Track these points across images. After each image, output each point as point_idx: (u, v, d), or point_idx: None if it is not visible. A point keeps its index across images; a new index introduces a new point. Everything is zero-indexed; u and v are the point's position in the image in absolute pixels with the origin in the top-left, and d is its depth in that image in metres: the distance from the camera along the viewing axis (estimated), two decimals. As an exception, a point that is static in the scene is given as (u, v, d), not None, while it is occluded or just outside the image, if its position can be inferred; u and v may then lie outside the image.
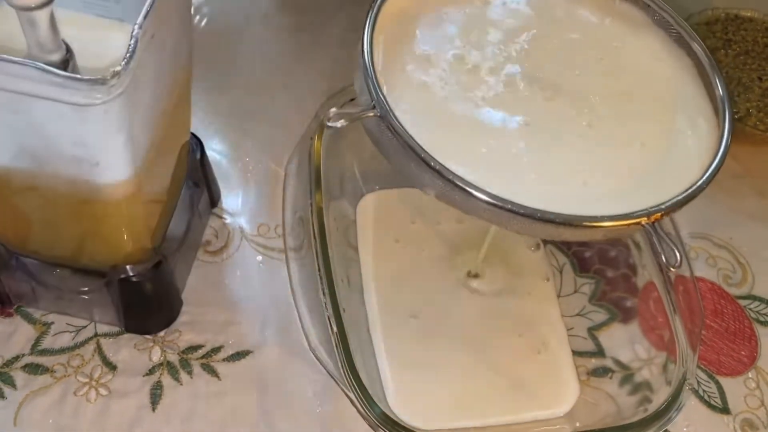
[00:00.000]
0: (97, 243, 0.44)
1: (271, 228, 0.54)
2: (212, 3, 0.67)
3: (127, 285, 0.45)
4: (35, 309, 0.49)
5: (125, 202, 0.40)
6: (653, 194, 0.38)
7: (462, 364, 0.48)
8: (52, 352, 0.47)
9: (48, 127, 0.35)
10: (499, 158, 0.39)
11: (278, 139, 0.58)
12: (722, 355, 0.51)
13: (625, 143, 0.41)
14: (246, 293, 0.51)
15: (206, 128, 0.58)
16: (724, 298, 0.54)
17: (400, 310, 0.50)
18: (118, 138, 0.36)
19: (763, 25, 0.65)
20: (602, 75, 0.43)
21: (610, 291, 0.52)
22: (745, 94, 0.60)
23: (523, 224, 0.37)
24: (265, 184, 0.56)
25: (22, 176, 0.39)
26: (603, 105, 0.42)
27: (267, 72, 0.62)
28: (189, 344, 0.48)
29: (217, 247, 0.53)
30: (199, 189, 0.51)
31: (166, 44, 0.38)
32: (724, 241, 0.57)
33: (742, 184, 0.60)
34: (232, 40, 0.64)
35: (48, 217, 0.43)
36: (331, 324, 0.43)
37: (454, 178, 0.36)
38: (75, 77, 0.32)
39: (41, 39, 0.35)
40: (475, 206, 0.37)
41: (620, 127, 0.41)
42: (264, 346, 0.48)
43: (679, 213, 0.55)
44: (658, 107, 0.42)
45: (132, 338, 0.48)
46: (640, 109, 0.42)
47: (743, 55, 0.63)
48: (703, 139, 0.41)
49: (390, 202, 0.55)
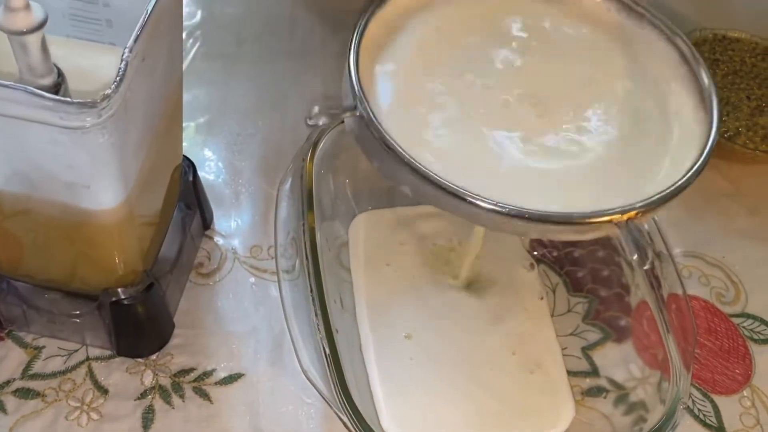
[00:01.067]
0: (88, 266, 0.44)
1: (264, 249, 0.54)
2: (205, 26, 0.67)
3: (118, 308, 0.44)
4: (26, 333, 0.48)
5: (117, 225, 0.40)
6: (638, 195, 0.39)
7: (456, 385, 0.48)
8: (44, 377, 0.47)
9: (39, 150, 0.35)
10: (474, 155, 0.40)
11: (271, 161, 0.58)
12: (717, 374, 0.51)
13: (612, 148, 0.41)
14: (238, 315, 0.51)
15: (199, 150, 0.58)
16: (717, 317, 0.54)
17: (393, 331, 0.50)
18: (109, 161, 0.36)
19: (750, 45, 0.65)
20: (589, 84, 0.44)
21: (603, 310, 0.52)
22: (734, 113, 0.61)
23: (494, 219, 0.37)
24: (257, 206, 0.56)
25: (14, 200, 0.39)
26: (588, 111, 0.42)
27: (259, 95, 0.63)
28: (181, 367, 0.48)
29: (209, 270, 0.53)
30: (191, 211, 0.51)
31: (157, 67, 0.39)
32: (716, 259, 0.57)
33: (734, 202, 0.60)
34: (224, 63, 0.65)
35: (39, 240, 0.42)
36: (324, 346, 0.43)
37: (427, 174, 0.37)
38: (65, 101, 0.32)
39: (33, 63, 0.35)
40: (447, 201, 0.38)
41: (607, 132, 0.42)
42: (256, 368, 0.48)
43: (671, 232, 0.56)
44: (646, 112, 0.43)
45: (124, 362, 0.48)
46: (626, 114, 0.43)
47: (731, 75, 0.63)
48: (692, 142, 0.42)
49: (382, 221, 0.55)
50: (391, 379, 0.48)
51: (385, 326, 0.50)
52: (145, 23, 0.34)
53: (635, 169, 0.41)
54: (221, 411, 0.46)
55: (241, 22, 0.68)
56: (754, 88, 0.63)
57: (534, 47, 0.45)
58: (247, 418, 0.46)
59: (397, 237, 0.54)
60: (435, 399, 0.47)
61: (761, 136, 0.60)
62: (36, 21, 0.33)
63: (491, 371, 0.49)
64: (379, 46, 0.44)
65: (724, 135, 0.59)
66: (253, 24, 0.68)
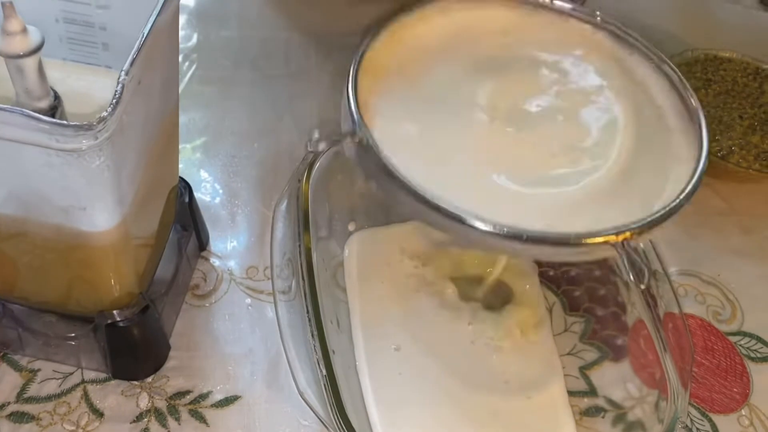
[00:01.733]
0: (84, 288, 0.44)
1: (260, 270, 0.54)
2: (201, 49, 0.68)
3: (114, 330, 0.44)
4: (21, 356, 0.48)
5: (113, 247, 0.40)
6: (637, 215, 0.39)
7: (453, 404, 0.48)
8: (39, 400, 0.47)
9: (35, 173, 0.35)
10: (470, 179, 0.41)
11: (267, 182, 0.58)
12: (714, 393, 0.51)
13: (602, 167, 0.41)
14: (234, 337, 0.50)
15: (195, 172, 0.59)
16: (714, 335, 0.54)
17: (387, 351, 0.49)
18: (105, 183, 0.36)
19: (741, 65, 0.66)
20: (582, 109, 0.44)
21: (600, 329, 0.52)
22: (727, 132, 0.61)
23: (492, 241, 0.38)
24: (253, 227, 0.56)
25: (9, 222, 0.39)
26: (580, 132, 0.43)
27: (255, 117, 0.63)
28: (177, 390, 0.48)
29: (205, 291, 0.52)
30: (187, 232, 0.51)
31: (153, 90, 0.39)
32: (712, 277, 0.57)
33: (728, 221, 0.60)
34: (220, 85, 0.65)
35: (35, 262, 0.42)
36: (320, 367, 0.42)
37: (425, 195, 0.38)
38: (61, 123, 0.32)
39: (29, 86, 0.35)
40: (446, 224, 0.38)
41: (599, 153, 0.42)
42: (252, 391, 0.48)
43: (666, 250, 0.56)
44: (636, 131, 0.43)
45: (119, 384, 0.47)
46: (616, 135, 0.43)
47: (723, 95, 0.64)
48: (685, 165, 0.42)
49: (377, 240, 0.55)
50: (384, 398, 0.47)
51: (380, 346, 0.49)
52: (142, 46, 0.34)
53: (632, 191, 0.41)
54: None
55: (236, 45, 0.68)
56: (747, 108, 0.63)
57: (529, 75, 0.46)
58: (243, 441, 0.46)
59: (393, 253, 0.54)
60: (432, 419, 0.47)
61: (754, 155, 0.60)
62: (33, 44, 0.34)
63: (489, 390, 0.49)
64: (377, 72, 0.44)
65: (717, 154, 0.60)
66: (249, 47, 0.68)
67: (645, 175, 0.42)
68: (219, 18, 0.70)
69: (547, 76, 0.46)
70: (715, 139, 0.61)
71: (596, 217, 0.39)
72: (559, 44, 0.48)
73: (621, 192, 0.41)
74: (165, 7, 0.36)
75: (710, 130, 0.61)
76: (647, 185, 0.41)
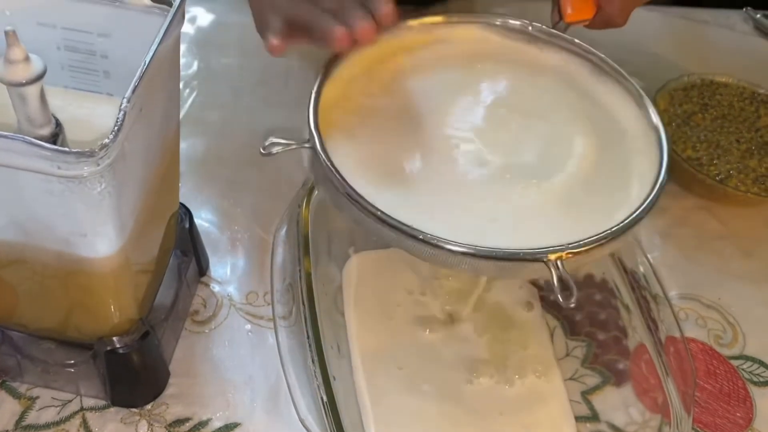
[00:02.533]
0: (84, 314, 0.44)
1: (260, 296, 0.54)
2: (201, 77, 0.68)
3: (113, 357, 0.44)
4: (20, 383, 0.48)
5: (113, 273, 0.40)
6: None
7: (458, 426, 0.47)
8: (37, 428, 0.46)
9: (36, 199, 0.35)
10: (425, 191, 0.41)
11: (266, 207, 0.58)
12: (717, 417, 0.51)
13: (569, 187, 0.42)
14: (234, 363, 0.50)
15: (195, 198, 0.59)
16: (716, 359, 0.54)
17: (387, 375, 0.49)
18: (106, 210, 0.36)
19: (738, 90, 0.67)
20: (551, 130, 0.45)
21: (602, 354, 0.52)
22: (724, 156, 0.62)
23: (431, 253, 0.39)
24: (253, 252, 0.56)
25: (9, 248, 0.39)
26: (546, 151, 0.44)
27: (255, 143, 0.63)
28: (176, 417, 0.47)
29: (205, 317, 0.52)
30: (187, 258, 0.51)
31: (154, 117, 0.39)
32: (712, 301, 0.57)
33: (727, 245, 0.60)
34: (221, 112, 0.66)
35: (35, 288, 0.42)
36: (321, 393, 0.42)
37: (366, 204, 0.39)
38: (62, 150, 0.32)
39: (31, 113, 0.35)
40: (384, 233, 0.39)
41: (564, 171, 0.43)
42: (252, 418, 0.48)
43: (666, 274, 0.56)
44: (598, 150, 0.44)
45: (118, 411, 0.47)
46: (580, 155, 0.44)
47: (720, 119, 0.64)
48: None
49: (374, 263, 0.54)
50: (385, 422, 0.47)
51: (379, 370, 0.49)
52: (143, 74, 0.35)
53: (592, 206, 0.42)
54: (217, 461, 0.46)
55: (236, 72, 0.69)
56: (744, 132, 0.63)
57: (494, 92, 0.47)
58: (243, 469, 0.46)
59: (390, 276, 0.54)
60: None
61: (752, 179, 0.60)
62: (35, 72, 0.34)
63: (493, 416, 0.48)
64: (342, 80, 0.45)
65: (715, 178, 0.60)
66: (249, 74, 0.69)
67: (606, 191, 0.42)
68: (219, 45, 0.71)
69: (512, 96, 0.47)
70: (712, 163, 0.61)
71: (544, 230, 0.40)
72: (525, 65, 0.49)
73: (579, 208, 0.41)
74: (166, 35, 0.37)
75: (708, 155, 0.62)
76: (606, 202, 0.42)
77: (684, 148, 0.62)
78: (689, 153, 0.62)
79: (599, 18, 0.48)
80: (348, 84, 0.46)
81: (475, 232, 0.39)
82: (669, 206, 0.62)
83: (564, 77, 0.48)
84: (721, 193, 0.60)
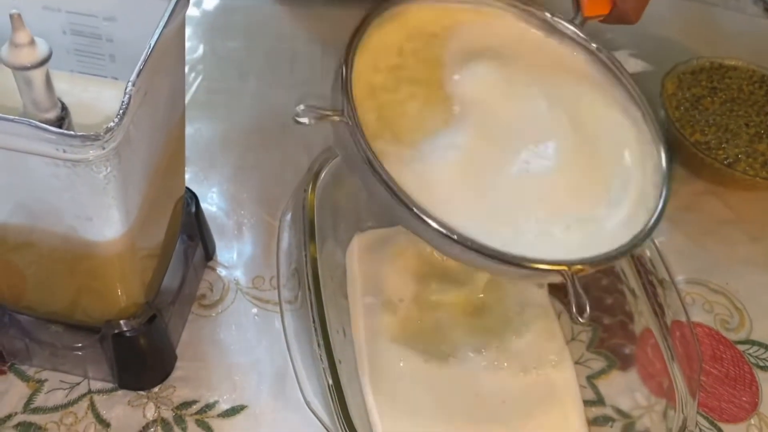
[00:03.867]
0: (91, 298, 0.44)
1: (266, 280, 0.54)
2: (207, 60, 0.68)
3: (121, 340, 0.44)
4: (29, 366, 0.48)
5: (119, 256, 0.40)
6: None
7: (460, 412, 0.48)
8: (45, 410, 0.47)
9: (43, 183, 0.35)
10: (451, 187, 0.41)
11: (273, 192, 0.58)
12: (723, 402, 0.51)
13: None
14: (241, 347, 0.50)
15: (201, 182, 0.59)
16: (722, 344, 0.54)
17: (388, 355, 0.49)
18: (112, 193, 0.36)
19: (747, 73, 0.66)
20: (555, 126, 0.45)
21: (607, 338, 0.52)
22: (733, 140, 0.61)
23: (443, 244, 0.38)
24: (260, 237, 0.56)
25: (17, 232, 0.39)
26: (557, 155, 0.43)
27: (261, 127, 0.63)
28: (183, 400, 0.48)
29: (211, 301, 0.53)
30: (193, 242, 0.51)
31: (159, 101, 0.39)
32: (720, 286, 0.57)
33: (735, 229, 0.60)
34: (226, 96, 0.65)
35: (42, 272, 0.43)
36: (327, 376, 0.43)
37: (395, 188, 0.38)
38: (68, 134, 0.32)
39: (37, 97, 0.35)
40: (409, 221, 0.38)
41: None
42: (259, 400, 0.48)
43: (674, 259, 0.56)
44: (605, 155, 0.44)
45: (126, 395, 0.48)
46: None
47: (729, 102, 0.64)
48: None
49: (376, 242, 0.54)
50: (389, 409, 0.47)
51: (381, 352, 0.49)
52: (148, 58, 0.35)
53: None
54: (224, 444, 0.46)
55: (242, 56, 0.69)
56: (753, 115, 0.63)
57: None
58: (249, 451, 0.46)
59: (392, 254, 0.54)
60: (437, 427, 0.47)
61: (761, 163, 0.60)
62: (40, 56, 0.34)
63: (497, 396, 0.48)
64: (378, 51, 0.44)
65: (723, 162, 0.60)
66: (255, 58, 0.69)
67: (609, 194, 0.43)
68: (225, 29, 0.71)
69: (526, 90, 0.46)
70: (721, 147, 0.61)
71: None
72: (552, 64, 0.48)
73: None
74: (171, 18, 0.36)
75: (716, 139, 0.61)
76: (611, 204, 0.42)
77: (692, 132, 0.61)
78: (697, 137, 0.61)
79: (614, 14, 0.49)
80: (376, 55, 0.44)
81: (496, 233, 0.39)
82: (677, 191, 0.61)
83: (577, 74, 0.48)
84: (730, 177, 0.60)
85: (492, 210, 0.41)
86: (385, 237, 0.54)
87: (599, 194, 0.43)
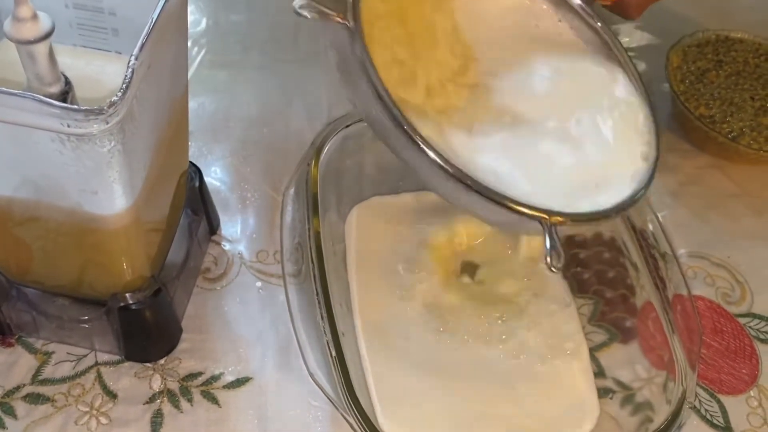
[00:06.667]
0: (97, 272, 0.44)
1: (270, 254, 0.54)
2: (210, 34, 0.68)
3: (126, 313, 0.45)
4: (36, 339, 0.49)
5: (124, 230, 0.40)
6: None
7: (461, 385, 0.48)
8: (53, 382, 0.47)
9: (47, 157, 0.35)
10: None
11: (276, 166, 0.58)
12: (723, 374, 0.51)
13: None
14: (245, 320, 0.51)
15: (205, 157, 0.59)
16: (723, 317, 0.54)
17: (385, 328, 0.49)
18: (116, 167, 0.36)
19: (753, 46, 0.65)
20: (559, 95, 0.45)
21: (609, 311, 0.52)
22: (738, 113, 0.61)
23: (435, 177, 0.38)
24: (263, 211, 0.56)
25: (23, 207, 0.40)
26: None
27: (264, 101, 0.63)
28: (189, 372, 0.48)
29: (216, 274, 0.53)
30: (198, 217, 0.51)
31: (163, 75, 0.39)
32: (721, 260, 0.57)
33: (739, 203, 0.60)
34: (230, 70, 0.65)
35: (48, 246, 0.43)
36: (330, 348, 0.43)
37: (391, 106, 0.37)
38: (72, 108, 0.32)
39: (40, 72, 0.35)
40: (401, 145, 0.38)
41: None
42: (263, 372, 0.49)
43: (676, 233, 0.56)
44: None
45: (132, 366, 0.48)
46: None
47: (735, 76, 0.63)
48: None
49: (375, 211, 0.54)
50: (385, 378, 0.47)
51: (379, 325, 0.49)
52: (151, 31, 0.35)
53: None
54: (229, 415, 0.47)
55: (245, 30, 0.69)
56: (758, 89, 0.63)
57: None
58: (254, 422, 0.47)
59: (390, 224, 0.54)
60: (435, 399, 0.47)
61: (765, 137, 0.60)
62: (43, 30, 0.34)
63: (500, 371, 0.49)
64: None
65: (728, 135, 0.59)
66: (258, 32, 0.68)
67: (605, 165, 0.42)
68: (228, 2, 0.70)
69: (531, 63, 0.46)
70: (725, 120, 0.60)
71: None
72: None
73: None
74: (173, -9, 0.36)
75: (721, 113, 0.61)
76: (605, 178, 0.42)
77: (697, 106, 0.61)
78: (702, 111, 0.61)
79: (617, 5, 0.51)
80: None
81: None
82: (681, 165, 0.62)
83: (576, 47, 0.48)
84: (734, 151, 0.60)
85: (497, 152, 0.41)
86: (384, 205, 0.54)
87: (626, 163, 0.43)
